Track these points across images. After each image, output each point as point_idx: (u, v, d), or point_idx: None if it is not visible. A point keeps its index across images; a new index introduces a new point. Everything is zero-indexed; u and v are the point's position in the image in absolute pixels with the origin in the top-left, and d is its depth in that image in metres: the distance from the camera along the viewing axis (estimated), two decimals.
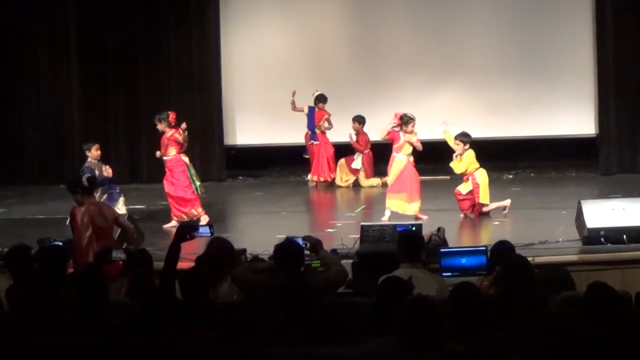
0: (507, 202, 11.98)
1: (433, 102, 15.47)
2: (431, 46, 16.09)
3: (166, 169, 11.94)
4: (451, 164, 12.01)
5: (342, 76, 16.24)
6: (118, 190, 11.88)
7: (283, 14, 16.47)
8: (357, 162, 15.17)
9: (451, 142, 11.92)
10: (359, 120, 15.17)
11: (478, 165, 11.93)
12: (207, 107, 16.24)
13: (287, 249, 6.60)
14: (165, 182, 11.95)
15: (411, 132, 11.54)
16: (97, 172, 11.42)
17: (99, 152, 11.72)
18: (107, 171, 11.57)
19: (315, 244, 6.97)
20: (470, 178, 11.83)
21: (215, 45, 16.21)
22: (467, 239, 10.74)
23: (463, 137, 11.93)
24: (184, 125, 11.79)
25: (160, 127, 11.87)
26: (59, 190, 15.08)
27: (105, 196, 11.57)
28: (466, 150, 11.84)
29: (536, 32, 15.80)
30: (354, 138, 15.20)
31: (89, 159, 11.67)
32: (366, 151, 15.15)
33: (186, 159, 11.94)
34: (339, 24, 16.37)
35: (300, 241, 6.86)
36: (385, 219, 11.34)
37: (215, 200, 13.70)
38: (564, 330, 4.64)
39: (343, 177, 15.24)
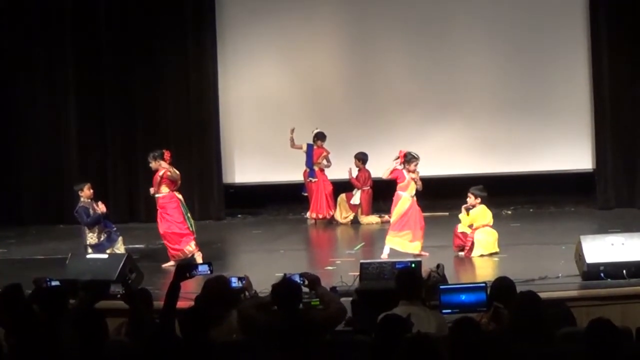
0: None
1: (430, 139, 15.49)
2: (428, 84, 16.14)
3: (158, 207, 11.80)
4: (460, 216, 11.83)
5: (340, 114, 16.28)
6: (115, 229, 11.82)
7: (280, 53, 16.53)
8: (356, 197, 15.19)
9: (465, 222, 11.65)
10: (360, 157, 15.20)
11: (486, 223, 11.65)
12: (206, 146, 16.27)
13: (285, 287, 6.57)
14: (158, 222, 11.84)
15: (413, 171, 11.46)
16: (91, 211, 11.47)
17: (91, 190, 11.66)
18: (101, 208, 11.54)
19: (312, 280, 6.94)
20: (474, 231, 11.58)
21: (213, 84, 16.27)
22: (466, 276, 10.69)
23: (475, 190, 11.76)
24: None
25: (153, 165, 11.77)
26: (58, 230, 15.14)
27: (104, 236, 11.58)
28: (476, 203, 11.66)
29: (533, 69, 15.86)
30: (354, 174, 15.22)
31: (82, 199, 11.65)
32: (365, 188, 15.16)
33: (180, 196, 11.86)
34: (336, 63, 16.43)
35: (297, 278, 6.83)
36: (384, 257, 11.28)
37: (214, 239, 13.68)
38: None
39: (342, 214, 15.25)
